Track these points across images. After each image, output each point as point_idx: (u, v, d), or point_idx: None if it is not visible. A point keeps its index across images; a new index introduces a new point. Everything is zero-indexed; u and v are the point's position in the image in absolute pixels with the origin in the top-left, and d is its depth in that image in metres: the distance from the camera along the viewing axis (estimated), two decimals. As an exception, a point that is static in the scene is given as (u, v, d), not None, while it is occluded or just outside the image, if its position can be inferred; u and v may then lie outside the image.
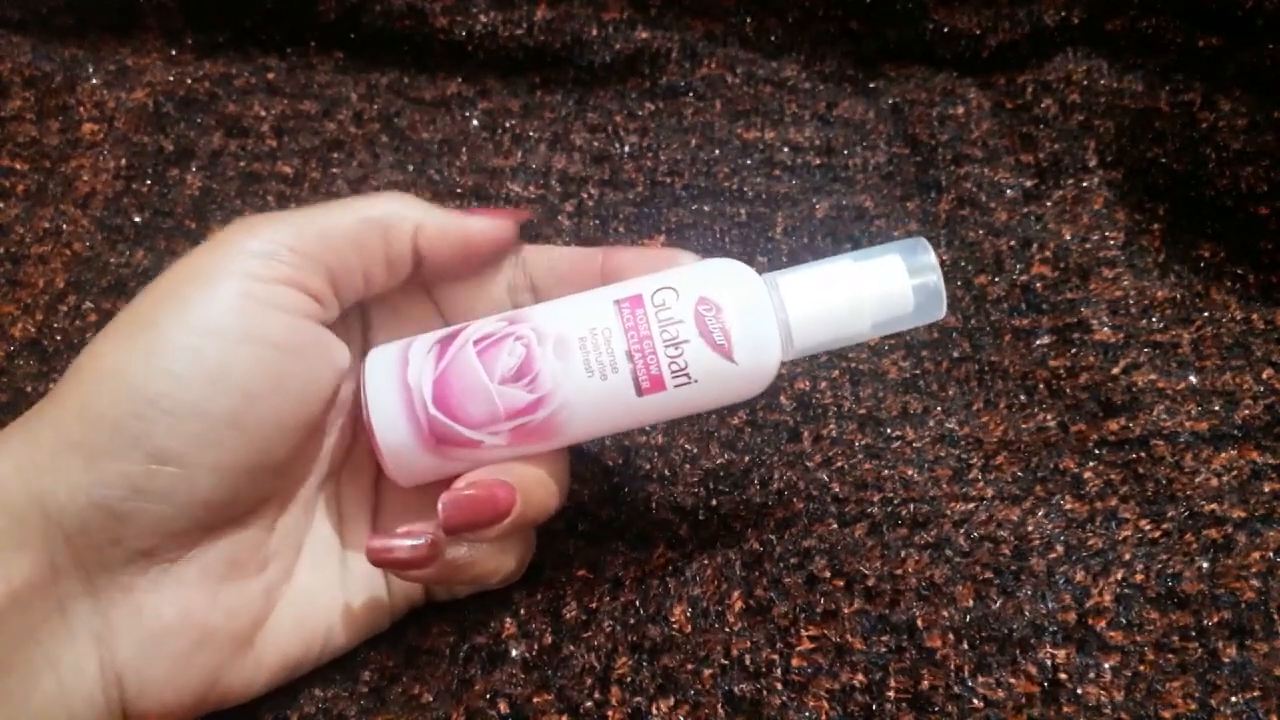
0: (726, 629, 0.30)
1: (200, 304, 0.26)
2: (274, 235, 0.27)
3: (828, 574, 0.31)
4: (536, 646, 0.31)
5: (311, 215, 0.28)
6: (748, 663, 0.30)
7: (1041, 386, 0.37)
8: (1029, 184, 0.43)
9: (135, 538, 0.25)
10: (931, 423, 0.36)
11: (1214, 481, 0.33)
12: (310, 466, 0.30)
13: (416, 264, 0.30)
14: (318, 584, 0.30)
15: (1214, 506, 0.32)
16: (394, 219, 0.29)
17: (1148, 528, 0.32)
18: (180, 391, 0.25)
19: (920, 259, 0.28)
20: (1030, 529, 0.32)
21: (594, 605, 0.31)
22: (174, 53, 0.50)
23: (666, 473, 0.35)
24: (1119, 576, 0.31)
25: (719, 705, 0.29)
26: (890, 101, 0.47)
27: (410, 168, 0.46)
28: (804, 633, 0.30)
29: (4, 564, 0.24)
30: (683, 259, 0.30)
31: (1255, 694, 0.28)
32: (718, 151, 0.46)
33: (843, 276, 0.28)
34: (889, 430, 0.36)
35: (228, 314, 0.26)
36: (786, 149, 0.46)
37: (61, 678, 0.25)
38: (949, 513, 0.33)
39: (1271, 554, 0.31)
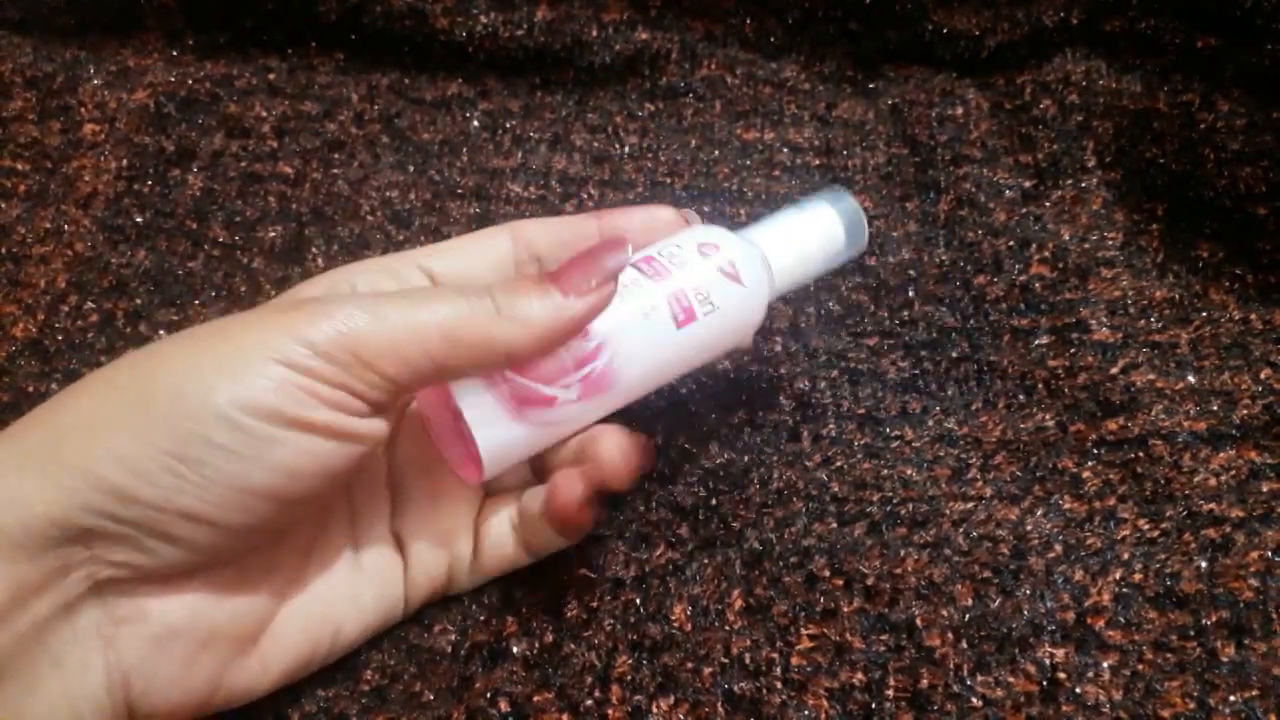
0: (726, 628, 0.31)
1: (252, 386, 0.24)
2: (343, 335, 0.25)
3: (827, 573, 0.32)
4: (537, 645, 0.31)
5: (392, 316, 0.26)
6: (747, 661, 0.30)
7: (1040, 386, 0.37)
8: (1028, 184, 0.43)
9: (151, 567, 0.25)
10: (930, 422, 0.36)
11: (1212, 481, 0.33)
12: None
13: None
14: (327, 583, 0.30)
15: (1212, 506, 0.32)
16: (484, 350, 0.27)
17: (1146, 527, 0.32)
18: (221, 463, 0.24)
19: (845, 203, 0.34)
20: (1029, 528, 0.32)
21: (594, 604, 0.31)
22: (175, 53, 0.50)
23: (666, 472, 0.35)
24: (1117, 576, 0.31)
25: (719, 704, 0.29)
26: (889, 102, 0.47)
27: (411, 168, 0.46)
28: (803, 631, 0.30)
29: (12, 566, 0.23)
30: (662, 213, 0.33)
31: (1254, 693, 0.28)
32: (718, 152, 0.46)
33: (794, 224, 0.34)
34: (888, 430, 0.36)
35: (280, 401, 0.24)
36: (786, 150, 0.46)
37: (67, 679, 0.25)
38: (948, 512, 0.33)
39: (1270, 553, 0.31)
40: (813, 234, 0.34)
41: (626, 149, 0.46)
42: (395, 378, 0.26)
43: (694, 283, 0.31)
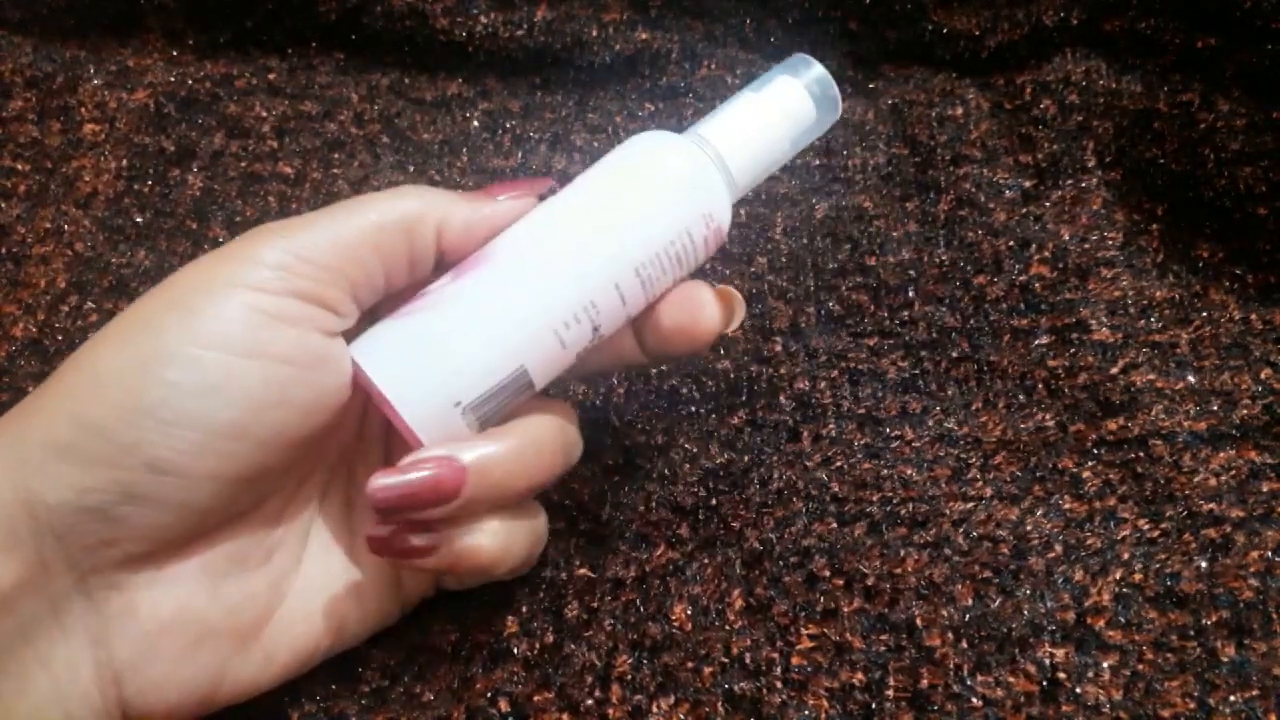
0: (726, 627, 0.31)
1: (205, 314, 0.24)
2: (288, 245, 0.26)
3: (827, 573, 0.32)
4: (538, 645, 0.31)
5: (328, 221, 0.27)
6: (748, 661, 0.30)
7: (1040, 386, 0.37)
8: (1028, 184, 0.43)
9: (129, 541, 0.24)
10: (930, 422, 0.36)
11: (1212, 481, 0.33)
12: (320, 457, 0.30)
13: (440, 257, 0.29)
14: (328, 572, 0.29)
15: (1212, 506, 0.32)
16: (415, 220, 0.27)
17: (1146, 527, 0.32)
18: (179, 401, 0.24)
19: (810, 73, 0.31)
20: (1029, 528, 0.32)
21: (595, 604, 0.31)
22: (175, 53, 0.50)
23: (666, 473, 0.35)
24: (1118, 576, 0.31)
25: (719, 703, 0.29)
26: (889, 102, 0.47)
27: (411, 168, 0.46)
28: (804, 631, 0.30)
29: None
30: None
31: (1254, 693, 0.28)
32: (718, 152, 0.46)
33: (751, 109, 0.31)
34: (888, 430, 0.36)
35: (234, 325, 0.24)
36: (786, 149, 0.46)
37: (56, 678, 0.24)
38: (948, 512, 0.33)
39: (1270, 553, 0.31)
40: (775, 116, 0.31)
41: (626, 149, 0.46)
42: (340, 268, 0.26)
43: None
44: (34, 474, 0.23)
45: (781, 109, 0.31)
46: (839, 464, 0.35)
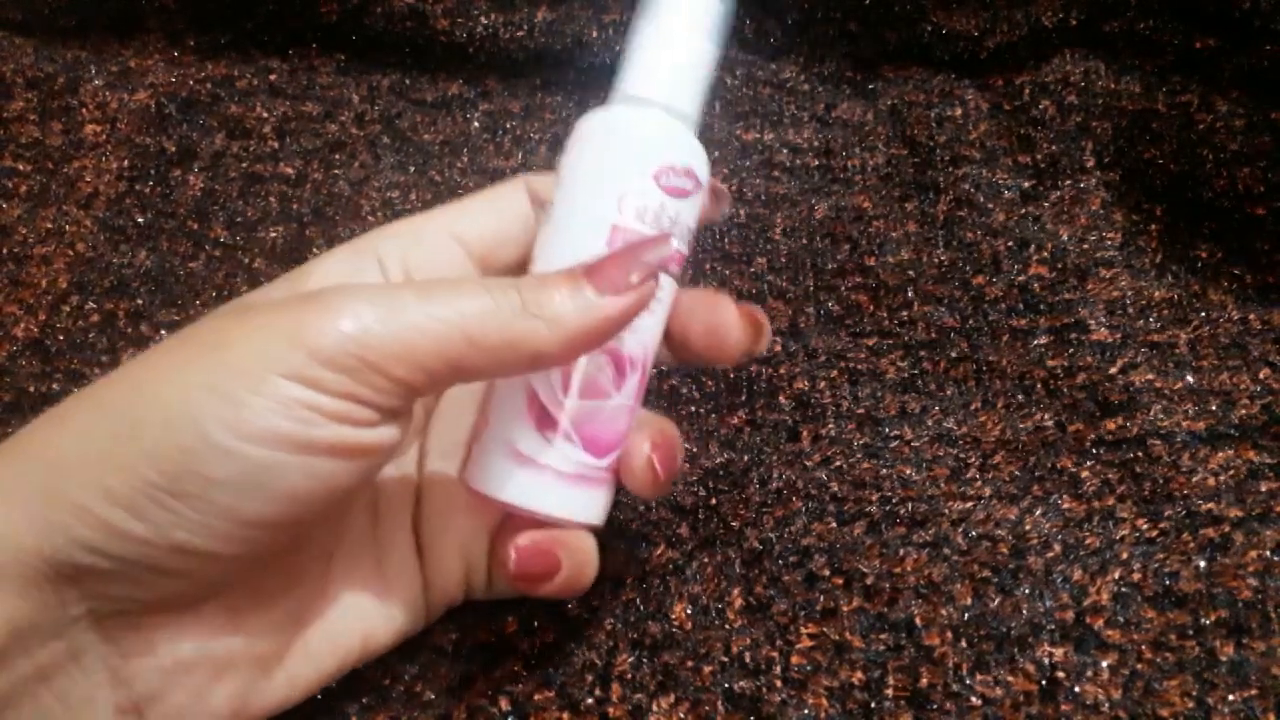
0: (726, 626, 0.31)
1: (248, 408, 0.22)
2: (349, 337, 0.23)
3: (827, 572, 0.32)
4: (538, 643, 0.31)
5: (405, 310, 0.23)
6: (747, 660, 0.30)
7: (1039, 386, 0.37)
8: (1027, 185, 0.44)
9: (150, 599, 0.24)
10: (929, 422, 0.36)
11: (1211, 481, 0.33)
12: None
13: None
14: (352, 590, 0.28)
15: (1211, 506, 0.33)
16: (509, 352, 0.24)
17: (1145, 527, 0.32)
18: (215, 496, 0.22)
19: None
20: (1028, 528, 0.33)
21: (595, 603, 0.32)
22: (176, 54, 0.51)
23: (666, 472, 0.35)
24: (1116, 575, 0.31)
25: (719, 702, 0.29)
26: (889, 103, 0.48)
27: (412, 169, 0.46)
28: (803, 630, 0.30)
29: (6, 605, 0.22)
30: None
31: (1253, 692, 0.28)
32: (717, 153, 0.46)
33: (659, 40, 0.28)
34: (887, 430, 0.36)
35: (280, 422, 0.22)
36: (786, 150, 0.46)
37: (74, 714, 0.23)
38: (947, 512, 0.33)
39: (1268, 553, 0.31)
40: (684, 30, 0.28)
41: (626, 150, 0.46)
42: (407, 380, 0.23)
43: (666, 219, 0.27)
44: (58, 532, 0.22)
45: (683, 19, 0.28)
46: (838, 464, 0.35)
